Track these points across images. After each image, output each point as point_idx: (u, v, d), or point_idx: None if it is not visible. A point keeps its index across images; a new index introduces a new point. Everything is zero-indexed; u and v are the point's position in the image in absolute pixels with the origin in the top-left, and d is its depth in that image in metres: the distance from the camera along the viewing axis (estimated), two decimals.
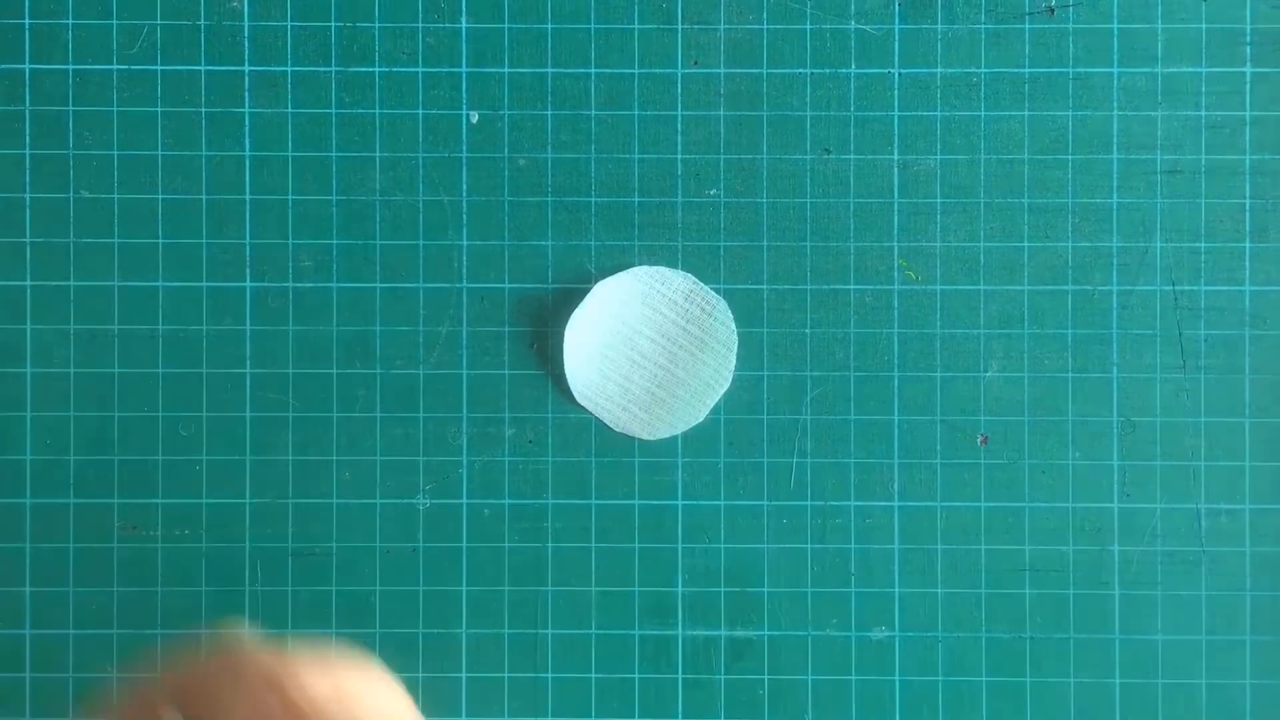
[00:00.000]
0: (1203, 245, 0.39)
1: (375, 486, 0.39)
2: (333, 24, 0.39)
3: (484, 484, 0.39)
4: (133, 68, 0.39)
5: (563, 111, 0.39)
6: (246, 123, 0.39)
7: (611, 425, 0.39)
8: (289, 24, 0.39)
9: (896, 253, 0.39)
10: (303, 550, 0.39)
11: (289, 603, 0.39)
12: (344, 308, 0.39)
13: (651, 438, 0.39)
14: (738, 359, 0.39)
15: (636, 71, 0.39)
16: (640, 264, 0.39)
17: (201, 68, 0.39)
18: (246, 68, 0.39)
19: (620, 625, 0.39)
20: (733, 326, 0.39)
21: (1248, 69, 0.39)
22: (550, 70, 0.39)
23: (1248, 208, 0.39)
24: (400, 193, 0.39)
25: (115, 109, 0.39)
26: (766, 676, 0.39)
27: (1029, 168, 0.39)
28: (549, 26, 0.39)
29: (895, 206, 0.39)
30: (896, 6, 0.39)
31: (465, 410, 0.39)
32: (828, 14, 0.39)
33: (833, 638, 0.39)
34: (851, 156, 0.39)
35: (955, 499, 0.39)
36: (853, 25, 0.39)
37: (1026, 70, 0.39)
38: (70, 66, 0.39)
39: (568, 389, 0.39)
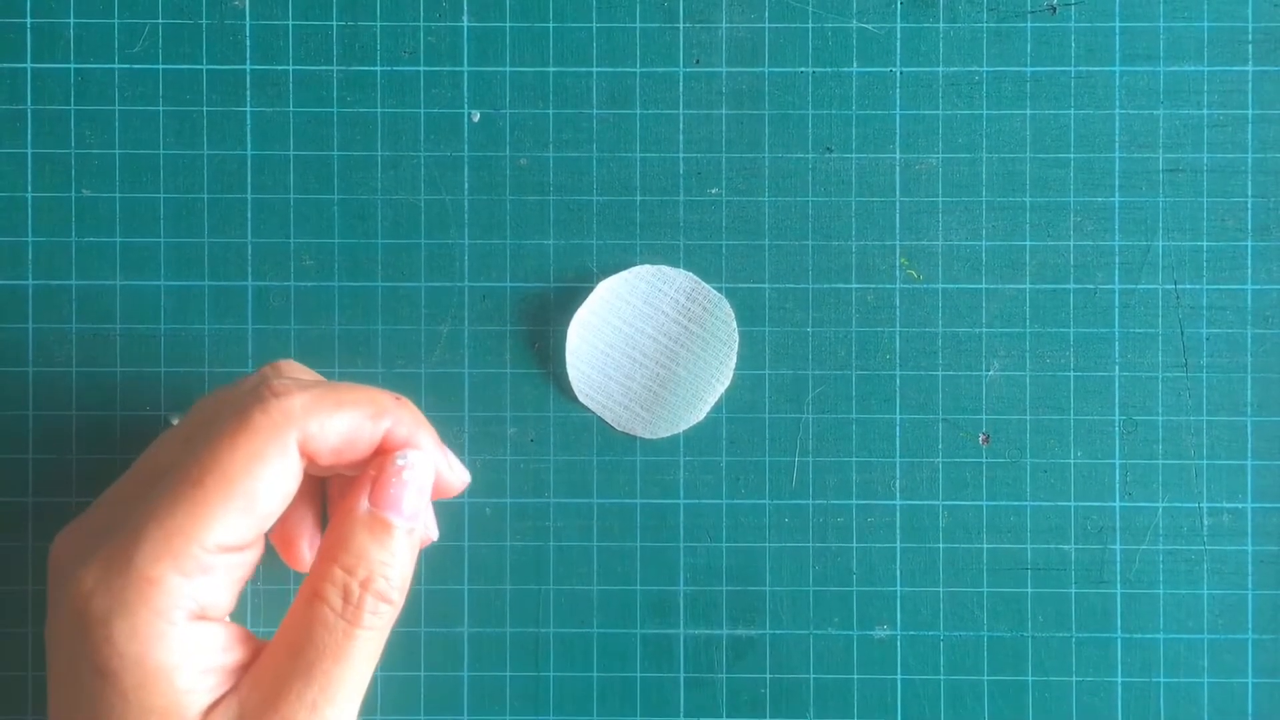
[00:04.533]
0: (1205, 244, 0.39)
1: None
2: (334, 23, 0.39)
3: (485, 483, 0.39)
4: (134, 67, 0.39)
5: (564, 110, 0.39)
6: (248, 121, 0.39)
7: (613, 424, 0.39)
8: (290, 23, 0.39)
9: (898, 251, 0.39)
10: None
11: (289, 603, 0.39)
12: (345, 307, 0.39)
13: (653, 436, 0.39)
14: (739, 357, 0.39)
15: (638, 70, 0.39)
16: (642, 263, 0.39)
17: (203, 67, 0.39)
18: (248, 66, 0.39)
19: (622, 624, 0.39)
20: (734, 325, 0.39)
21: (1250, 67, 0.39)
22: (552, 69, 0.39)
23: (1250, 206, 0.39)
24: (402, 192, 0.39)
25: (117, 108, 0.39)
26: (768, 675, 0.39)
27: (1031, 166, 0.39)
28: (550, 25, 0.39)
29: (897, 205, 0.39)
30: (898, 5, 0.39)
31: (467, 409, 0.39)
32: (829, 12, 0.39)
33: (834, 636, 0.39)
34: (853, 155, 0.39)
35: (957, 498, 0.39)
36: (854, 24, 0.39)
37: (1028, 69, 0.39)
38: (72, 65, 0.39)
39: (569, 388, 0.39)
